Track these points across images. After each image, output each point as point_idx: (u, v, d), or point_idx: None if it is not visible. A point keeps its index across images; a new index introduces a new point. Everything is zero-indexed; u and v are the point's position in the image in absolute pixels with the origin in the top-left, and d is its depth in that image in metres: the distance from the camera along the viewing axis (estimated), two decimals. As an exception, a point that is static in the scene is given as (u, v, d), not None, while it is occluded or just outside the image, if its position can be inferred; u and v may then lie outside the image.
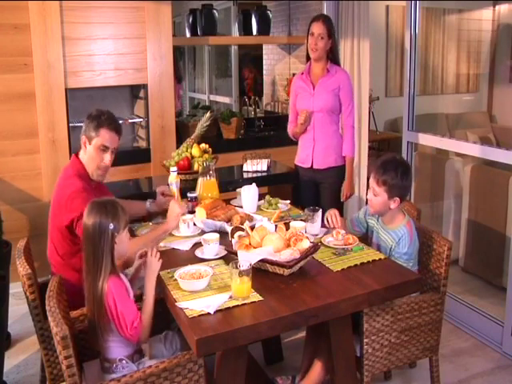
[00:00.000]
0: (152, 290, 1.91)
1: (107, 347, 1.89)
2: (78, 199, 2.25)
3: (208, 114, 3.41)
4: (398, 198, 2.31)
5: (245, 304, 1.82)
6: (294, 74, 4.50)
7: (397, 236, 2.34)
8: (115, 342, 1.88)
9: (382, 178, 2.30)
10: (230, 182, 3.20)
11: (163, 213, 2.55)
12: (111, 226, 1.86)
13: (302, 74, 3.28)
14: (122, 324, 1.82)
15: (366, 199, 2.47)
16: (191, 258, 2.20)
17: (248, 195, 2.75)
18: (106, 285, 1.83)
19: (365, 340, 2.16)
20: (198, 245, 2.31)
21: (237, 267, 1.84)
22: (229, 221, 2.52)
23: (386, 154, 2.77)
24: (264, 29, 4.88)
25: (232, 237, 2.25)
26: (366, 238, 2.56)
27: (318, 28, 3.13)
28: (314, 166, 3.27)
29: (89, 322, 1.91)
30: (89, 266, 1.87)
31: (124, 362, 1.88)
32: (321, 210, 2.45)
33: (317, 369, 2.31)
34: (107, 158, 2.41)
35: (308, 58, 3.29)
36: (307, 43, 3.21)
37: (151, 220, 2.65)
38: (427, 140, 3.53)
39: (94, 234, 1.86)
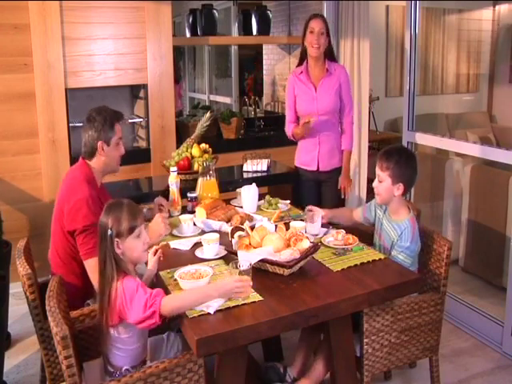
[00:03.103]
0: (205, 294, 1.79)
1: (114, 353, 1.86)
2: (83, 209, 2.23)
3: (208, 114, 3.41)
4: (401, 185, 2.31)
5: (245, 304, 1.82)
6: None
7: (400, 229, 2.34)
8: (122, 351, 1.85)
9: (386, 162, 2.32)
10: (229, 182, 3.20)
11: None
12: (109, 232, 1.81)
13: (301, 73, 3.24)
14: (136, 308, 1.73)
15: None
16: (191, 258, 2.20)
17: (248, 195, 2.75)
18: (115, 288, 1.79)
19: (365, 340, 2.16)
20: (198, 245, 2.31)
21: (237, 267, 1.84)
22: (229, 221, 2.53)
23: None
24: (264, 29, 4.87)
25: (232, 237, 2.25)
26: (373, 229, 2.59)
27: (317, 24, 3.12)
28: (320, 169, 3.27)
29: (99, 324, 1.87)
30: (100, 268, 1.84)
31: (128, 372, 1.84)
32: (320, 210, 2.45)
33: (317, 368, 2.31)
34: (122, 147, 2.48)
35: (302, 59, 3.26)
36: (303, 43, 3.20)
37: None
38: (427, 140, 3.53)
39: (100, 236, 1.84)
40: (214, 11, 4.75)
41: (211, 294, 1.80)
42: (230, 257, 2.14)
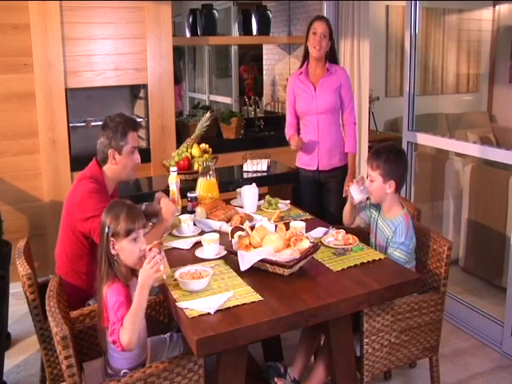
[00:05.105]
0: (140, 298, 1.72)
1: (111, 355, 1.86)
2: (90, 199, 2.24)
3: (208, 114, 3.41)
4: (393, 182, 2.34)
5: (245, 304, 1.82)
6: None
7: (393, 225, 2.36)
8: (117, 352, 1.83)
9: (376, 161, 2.35)
10: (230, 182, 3.20)
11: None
12: (106, 230, 1.81)
13: (300, 74, 3.26)
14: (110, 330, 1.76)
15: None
16: (191, 258, 2.20)
17: (248, 195, 2.75)
18: (104, 291, 1.79)
19: (365, 340, 2.16)
20: (198, 245, 2.31)
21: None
22: (229, 221, 2.53)
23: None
24: (264, 29, 4.88)
25: (232, 237, 2.25)
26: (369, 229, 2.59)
27: (321, 27, 3.13)
28: (320, 168, 3.27)
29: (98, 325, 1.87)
30: (98, 267, 1.84)
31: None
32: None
33: (317, 373, 2.30)
34: (137, 156, 2.44)
35: (304, 59, 3.27)
36: (306, 43, 3.20)
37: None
38: (427, 140, 3.53)
39: (100, 233, 1.84)
40: (214, 11, 4.76)
41: (143, 295, 1.73)
42: (229, 257, 2.14)
